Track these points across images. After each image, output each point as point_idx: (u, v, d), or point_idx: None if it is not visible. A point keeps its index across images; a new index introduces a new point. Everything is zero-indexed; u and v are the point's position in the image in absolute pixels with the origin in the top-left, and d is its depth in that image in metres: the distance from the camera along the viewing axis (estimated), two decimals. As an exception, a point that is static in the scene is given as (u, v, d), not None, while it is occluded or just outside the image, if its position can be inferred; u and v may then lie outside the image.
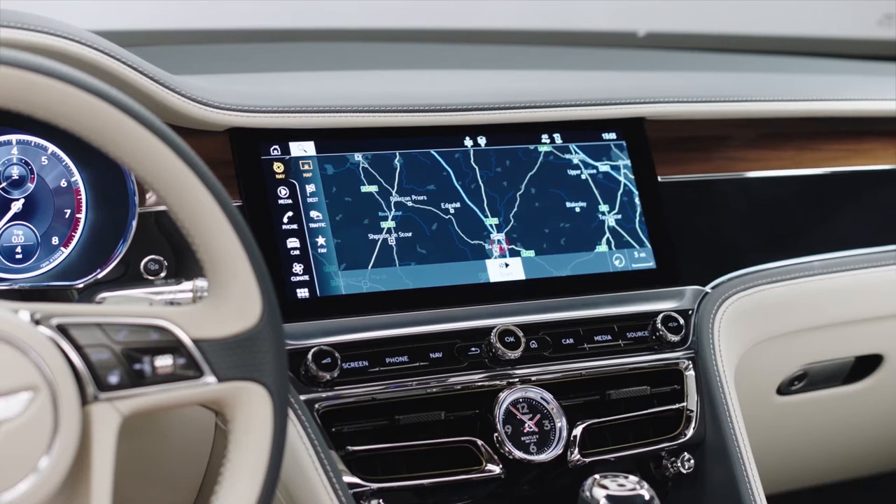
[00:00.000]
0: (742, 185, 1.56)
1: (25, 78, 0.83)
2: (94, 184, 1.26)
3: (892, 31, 2.26)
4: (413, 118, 1.36)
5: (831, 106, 1.64)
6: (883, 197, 1.67)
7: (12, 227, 1.24)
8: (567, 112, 1.43)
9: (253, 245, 0.91)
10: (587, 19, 2.11)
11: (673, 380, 1.38)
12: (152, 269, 1.22)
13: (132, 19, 1.80)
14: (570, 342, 1.34)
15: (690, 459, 1.35)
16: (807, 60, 2.11)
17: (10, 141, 1.25)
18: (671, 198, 1.48)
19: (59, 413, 0.83)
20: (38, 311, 0.85)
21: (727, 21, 2.20)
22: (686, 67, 1.99)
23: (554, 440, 1.27)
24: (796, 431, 1.71)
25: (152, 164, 0.88)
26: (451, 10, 2.02)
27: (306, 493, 1.17)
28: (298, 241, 1.28)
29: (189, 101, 1.25)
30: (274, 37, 1.93)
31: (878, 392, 1.71)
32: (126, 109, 0.87)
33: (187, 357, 0.88)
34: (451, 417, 1.27)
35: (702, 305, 1.43)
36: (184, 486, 1.33)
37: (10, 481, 0.81)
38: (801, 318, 1.54)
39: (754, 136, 1.60)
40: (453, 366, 1.29)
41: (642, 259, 1.44)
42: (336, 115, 1.32)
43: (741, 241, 1.53)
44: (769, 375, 1.60)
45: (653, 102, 1.49)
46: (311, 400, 1.21)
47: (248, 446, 0.90)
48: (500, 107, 1.40)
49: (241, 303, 0.90)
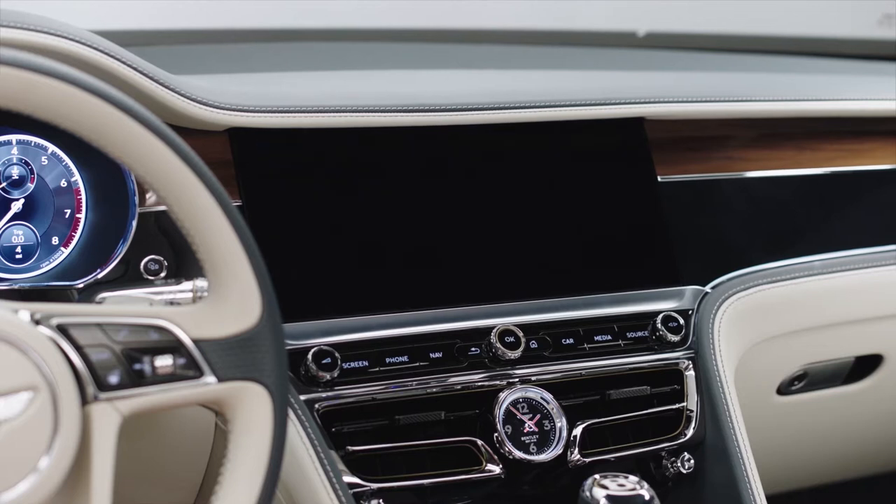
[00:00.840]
0: (742, 185, 1.56)
1: (26, 78, 0.83)
2: (94, 184, 1.26)
3: (892, 31, 2.26)
4: (413, 118, 1.36)
5: (831, 106, 1.64)
6: (883, 197, 1.67)
7: (12, 227, 1.24)
8: (567, 112, 1.43)
9: (253, 245, 0.91)
10: (587, 19, 2.11)
11: (673, 380, 1.38)
12: (152, 269, 1.22)
13: (132, 19, 1.80)
14: (570, 342, 1.34)
15: (690, 459, 1.35)
16: (807, 60, 2.11)
17: (10, 141, 1.25)
18: (671, 198, 1.48)
19: (59, 413, 0.83)
20: (38, 311, 0.85)
21: (727, 21, 2.20)
22: (686, 67, 1.99)
23: (554, 440, 1.27)
24: (796, 431, 1.71)
25: (152, 164, 0.88)
26: (451, 10, 2.02)
27: (306, 493, 1.17)
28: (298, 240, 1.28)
29: (189, 101, 1.25)
30: (274, 37, 1.93)
31: (878, 392, 1.71)
32: (126, 109, 0.87)
33: (187, 357, 0.88)
34: (451, 417, 1.27)
35: (702, 305, 1.43)
36: (184, 486, 1.33)
37: (10, 481, 0.81)
38: (801, 318, 1.54)
39: (754, 136, 1.60)
40: (453, 366, 1.29)
41: (642, 259, 1.44)
42: (336, 115, 1.32)
43: (741, 241, 1.53)
44: (769, 375, 1.60)
45: (653, 102, 1.48)
46: (311, 400, 1.21)
47: (248, 446, 0.90)
48: (500, 107, 1.40)
49: (241, 303, 0.90)
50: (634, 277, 1.42)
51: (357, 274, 1.30)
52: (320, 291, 1.28)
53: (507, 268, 1.37)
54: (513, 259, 1.37)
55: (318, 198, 1.31)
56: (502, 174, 1.40)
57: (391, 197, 1.34)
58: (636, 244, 1.44)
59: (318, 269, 1.29)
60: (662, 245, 1.45)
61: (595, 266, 1.41)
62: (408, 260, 1.33)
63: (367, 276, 1.31)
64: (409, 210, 1.34)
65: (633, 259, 1.43)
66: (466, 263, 1.35)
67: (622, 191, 1.45)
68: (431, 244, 1.34)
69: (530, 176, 1.41)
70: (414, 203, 1.35)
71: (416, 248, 1.34)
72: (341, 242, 1.31)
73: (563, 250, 1.40)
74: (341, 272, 1.30)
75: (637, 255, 1.44)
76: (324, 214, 1.31)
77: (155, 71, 1.23)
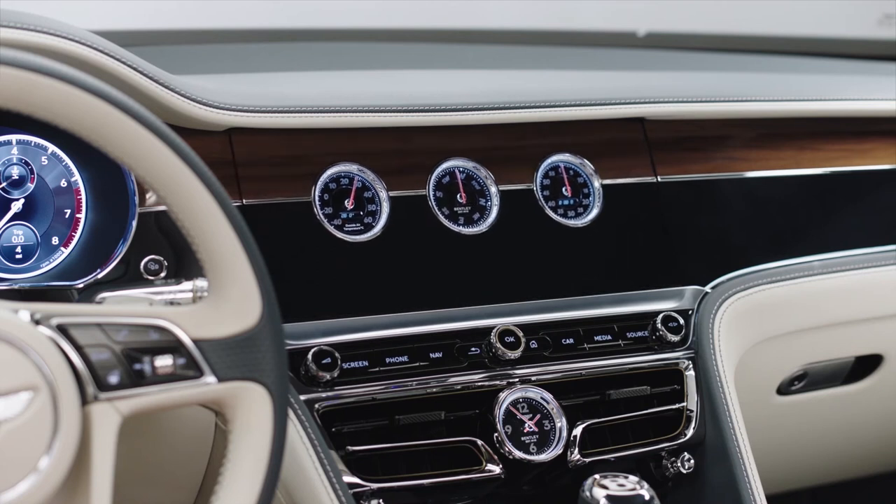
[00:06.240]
0: (742, 185, 1.56)
1: (25, 78, 0.83)
2: (94, 184, 1.26)
3: (892, 31, 2.26)
4: (413, 118, 1.36)
5: (831, 106, 1.64)
6: (883, 197, 1.67)
7: (12, 227, 1.24)
8: (567, 112, 1.43)
9: (253, 245, 0.91)
10: (587, 19, 2.11)
11: (673, 380, 1.38)
12: (152, 269, 1.22)
13: (132, 19, 1.80)
14: (570, 342, 1.34)
15: (690, 459, 1.35)
16: (807, 60, 2.11)
17: (10, 141, 1.25)
18: (671, 198, 1.48)
19: (59, 413, 0.83)
20: (38, 311, 0.86)
21: (727, 21, 2.20)
22: (686, 67, 1.99)
23: (554, 440, 1.27)
24: (796, 431, 1.71)
25: (152, 164, 0.88)
26: (451, 10, 2.02)
27: (306, 493, 1.17)
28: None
29: (189, 101, 1.25)
30: (274, 37, 1.93)
31: (878, 392, 1.71)
32: (126, 109, 0.87)
33: (187, 357, 0.88)
34: (451, 417, 1.27)
35: (702, 305, 1.43)
36: (184, 486, 1.33)
37: (10, 481, 0.81)
38: (801, 318, 1.54)
39: (754, 136, 1.60)
40: (453, 366, 1.29)
41: (642, 259, 1.44)
42: (336, 115, 1.32)
43: (741, 241, 1.53)
44: (769, 375, 1.60)
45: (653, 102, 1.49)
46: (311, 400, 1.21)
47: (248, 446, 0.90)
48: (500, 107, 1.40)
49: (240, 303, 0.90)
50: (634, 277, 1.42)
51: (357, 274, 1.30)
52: (320, 291, 1.28)
53: (506, 268, 1.36)
54: (513, 259, 1.37)
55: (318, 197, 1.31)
56: (503, 173, 1.40)
57: (391, 196, 1.34)
58: (636, 244, 1.44)
59: (318, 269, 1.29)
60: (662, 245, 1.45)
61: (595, 266, 1.41)
62: (408, 260, 1.33)
63: (367, 276, 1.31)
64: (408, 209, 1.34)
65: (633, 259, 1.43)
66: (466, 263, 1.35)
67: (622, 190, 1.45)
68: (431, 244, 1.34)
69: (530, 176, 1.41)
70: (414, 202, 1.35)
71: (416, 248, 1.34)
72: (341, 242, 1.31)
73: (562, 250, 1.40)
74: (341, 272, 1.30)
75: (637, 255, 1.44)
76: (324, 214, 1.31)
77: (155, 71, 1.23)
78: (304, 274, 1.28)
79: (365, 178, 1.34)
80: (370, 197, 1.34)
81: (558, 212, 1.42)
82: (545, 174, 1.43)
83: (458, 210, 1.37)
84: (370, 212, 1.33)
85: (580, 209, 1.43)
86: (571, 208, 1.43)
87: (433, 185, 1.37)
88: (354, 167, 1.34)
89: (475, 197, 1.38)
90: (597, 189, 1.44)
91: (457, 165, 1.39)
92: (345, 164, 1.34)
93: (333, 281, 1.29)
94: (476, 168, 1.39)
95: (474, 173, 1.39)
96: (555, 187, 1.42)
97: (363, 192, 1.34)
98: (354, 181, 1.34)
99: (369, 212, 1.33)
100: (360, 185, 1.34)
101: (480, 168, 1.39)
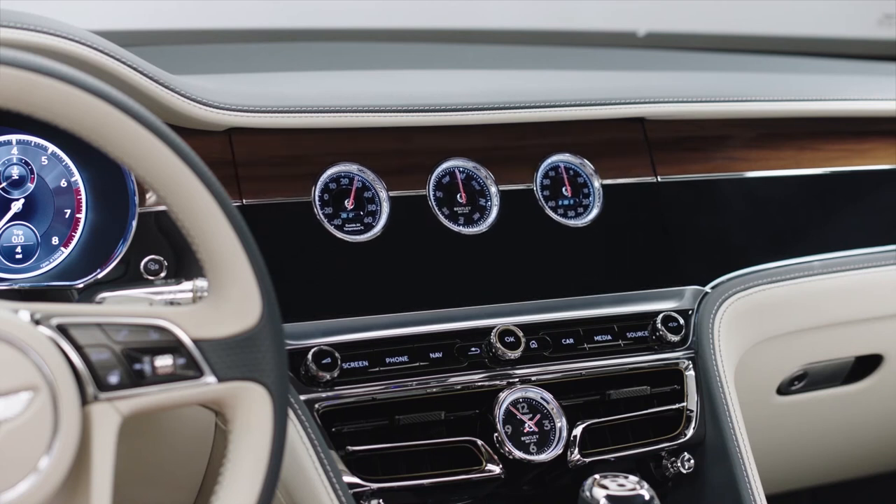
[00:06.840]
0: (742, 185, 1.56)
1: (25, 78, 0.83)
2: (94, 184, 1.26)
3: (892, 31, 2.26)
4: (413, 118, 1.36)
5: (831, 106, 1.64)
6: (883, 197, 1.67)
7: (12, 227, 1.24)
8: (567, 112, 1.43)
9: (253, 245, 0.91)
10: (587, 19, 2.11)
11: (673, 380, 1.38)
12: (152, 269, 1.22)
13: (132, 19, 1.80)
14: (570, 342, 1.34)
15: (690, 459, 1.35)
16: (807, 60, 2.11)
17: (10, 141, 1.25)
18: (671, 198, 1.48)
19: (59, 413, 0.83)
20: (38, 311, 0.86)
21: (727, 21, 2.20)
22: (686, 67, 1.99)
23: (554, 440, 1.27)
24: (796, 431, 1.71)
25: (152, 164, 0.88)
26: (451, 10, 2.02)
27: (306, 493, 1.17)
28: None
29: (189, 101, 1.25)
30: (274, 37, 1.93)
31: (878, 392, 1.71)
32: (126, 109, 0.87)
33: (187, 357, 0.88)
34: (451, 417, 1.27)
35: (702, 305, 1.43)
36: (184, 486, 1.33)
37: (10, 481, 0.81)
38: (801, 318, 1.54)
39: (754, 136, 1.60)
40: (453, 366, 1.29)
41: (642, 259, 1.44)
42: (336, 115, 1.32)
43: (741, 241, 1.53)
44: (769, 375, 1.60)
45: (653, 102, 1.49)
46: (311, 400, 1.21)
47: (248, 446, 0.90)
48: (500, 107, 1.40)
49: (240, 303, 0.90)
50: (634, 277, 1.42)
51: (357, 274, 1.30)
52: (320, 291, 1.28)
53: (506, 268, 1.36)
54: (513, 259, 1.37)
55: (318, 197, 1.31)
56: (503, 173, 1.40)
57: (391, 196, 1.34)
58: (636, 244, 1.44)
59: (317, 269, 1.29)
60: (662, 245, 1.45)
61: (595, 266, 1.41)
62: (408, 260, 1.33)
63: (367, 276, 1.31)
64: (408, 209, 1.34)
65: (633, 259, 1.43)
66: (466, 263, 1.35)
67: (622, 190, 1.45)
68: (431, 244, 1.34)
69: (530, 176, 1.41)
70: (414, 202, 1.35)
71: (416, 248, 1.34)
72: (341, 242, 1.31)
73: (562, 250, 1.40)
74: (341, 272, 1.30)
75: (637, 255, 1.44)
76: (324, 214, 1.31)
77: (155, 71, 1.23)
78: (304, 274, 1.28)
79: (365, 178, 1.35)
80: (370, 197, 1.34)
81: (558, 212, 1.42)
82: (545, 174, 1.43)
83: (458, 210, 1.37)
84: (370, 212, 1.33)
85: (580, 209, 1.43)
86: (571, 208, 1.43)
87: (433, 185, 1.37)
88: (354, 167, 1.34)
89: (475, 197, 1.38)
90: (597, 189, 1.44)
91: (457, 165, 1.39)
92: (345, 164, 1.34)
93: (333, 281, 1.29)
94: (476, 168, 1.39)
95: (474, 173, 1.39)
96: (555, 187, 1.42)
97: (363, 192, 1.34)
98: (354, 181, 1.34)
99: (369, 212, 1.33)
100: (360, 185, 1.34)
101: (480, 168, 1.39)
